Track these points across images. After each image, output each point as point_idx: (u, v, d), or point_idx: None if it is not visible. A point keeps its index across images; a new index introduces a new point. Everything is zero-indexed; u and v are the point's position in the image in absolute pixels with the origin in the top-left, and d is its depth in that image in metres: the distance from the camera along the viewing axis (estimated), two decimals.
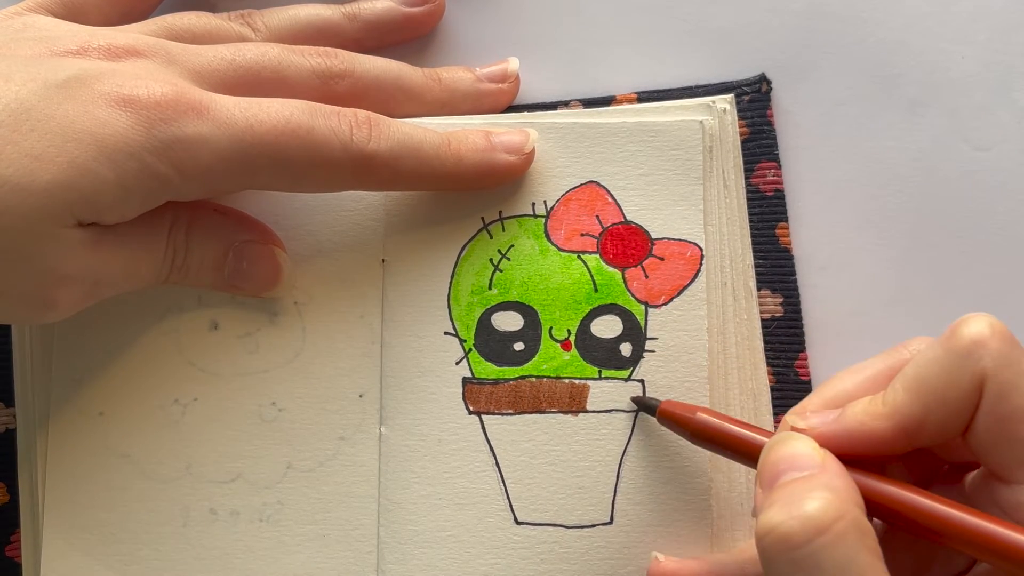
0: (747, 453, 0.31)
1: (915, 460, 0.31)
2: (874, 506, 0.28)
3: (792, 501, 0.26)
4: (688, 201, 0.37)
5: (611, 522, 0.36)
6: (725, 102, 0.38)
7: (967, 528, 0.26)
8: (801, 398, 0.32)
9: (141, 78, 0.31)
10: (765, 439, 0.30)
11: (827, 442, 0.29)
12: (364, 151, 0.33)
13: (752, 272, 0.38)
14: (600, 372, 0.37)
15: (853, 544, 0.25)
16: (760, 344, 0.37)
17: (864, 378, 0.31)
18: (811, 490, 0.26)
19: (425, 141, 0.35)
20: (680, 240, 0.37)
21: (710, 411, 0.33)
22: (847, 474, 0.28)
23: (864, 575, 0.25)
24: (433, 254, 0.38)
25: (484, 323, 0.37)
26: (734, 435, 0.32)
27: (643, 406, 0.36)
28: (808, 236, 0.39)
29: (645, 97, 0.39)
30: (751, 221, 0.38)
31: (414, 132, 0.35)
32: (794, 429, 0.30)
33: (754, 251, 0.38)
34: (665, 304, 0.37)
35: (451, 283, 0.37)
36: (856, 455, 0.28)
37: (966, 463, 0.31)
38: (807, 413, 0.30)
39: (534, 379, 0.37)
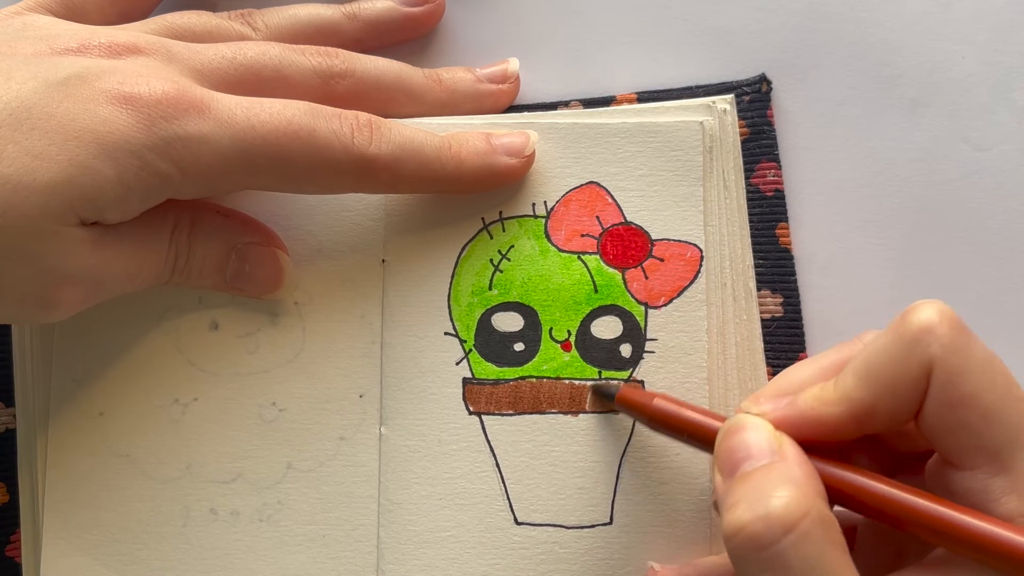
0: (703, 438, 0.31)
1: (881, 450, 0.31)
2: (833, 492, 0.28)
3: (756, 499, 0.26)
4: (688, 202, 0.37)
5: (611, 522, 0.36)
6: (725, 102, 0.38)
7: (917, 511, 0.27)
8: None
9: (142, 76, 0.31)
10: (721, 424, 0.30)
11: (779, 427, 0.29)
12: (365, 154, 0.33)
13: (752, 272, 0.38)
14: (600, 373, 0.37)
15: (819, 540, 0.25)
16: (760, 345, 0.37)
17: (819, 368, 0.31)
18: (774, 485, 0.26)
19: (426, 144, 0.35)
20: (680, 241, 0.37)
21: (668, 397, 0.33)
22: (807, 460, 0.28)
23: (830, 570, 0.25)
24: (433, 254, 0.38)
25: (484, 323, 0.37)
26: (689, 420, 0.32)
27: (602, 393, 0.36)
28: (808, 236, 0.39)
29: (645, 97, 0.39)
30: (751, 221, 0.38)
31: (415, 135, 0.35)
32: (748, 414, 0.30)
33: (754, 251, 0.38)
34: (665, 305, 0.37)
35: (451, 283, 0.37)
36: (808, 440, 0.29)
37: (925, 452, 0.31)
38: (760, 399, 0.30)
39: (534, 380, 0.37)
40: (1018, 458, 0.27)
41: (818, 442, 0.29)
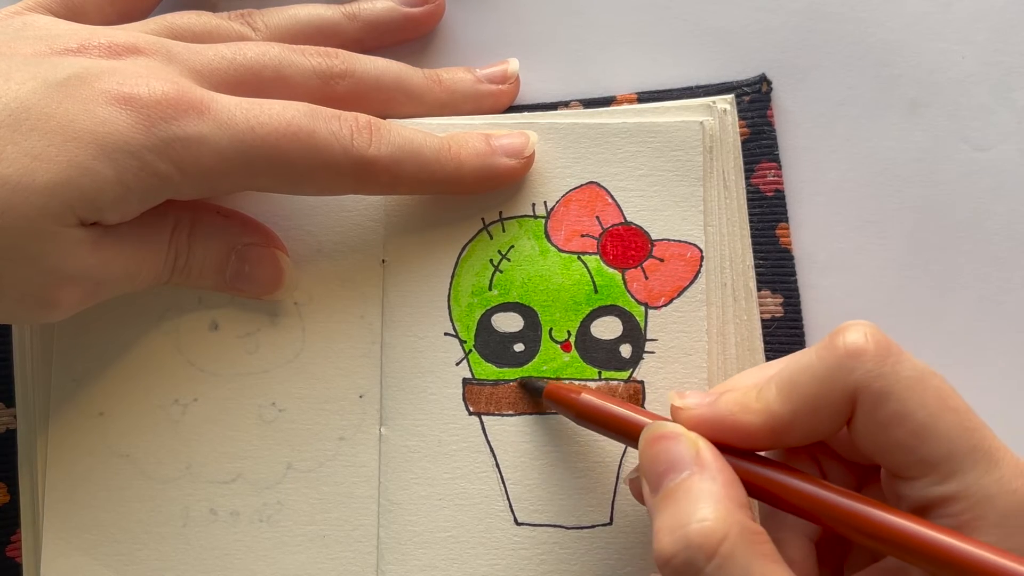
0: (628, 433, 0.31)
1: (849, 462, 0.32)
2: (755, 490, 0.28)
3: (677, 525, 0.27)
4: (688, 202, 0.37)
5: (611, 523, 0.36)
6: (725, 102, 0.38)
7: (832, 507, 0.27)
8: None
9: (142, 76, 0.31)
10: (648, 420, 0.31)
11: (698, 426, 0.29)
12: (365, 155, 0.33)
13: (752, 273, 0.38)
14: (600, 373, 0.37)
15: (743, 557, 0.26)
16: (760, 345, 0.37)
17: (764, 376, 0.31)
18: (693, 506, 0.27)
19: (425, 146, 0.35)
20: (680, 241, 0.37)
21: (595, 392, 0.33)
22: (726, 467, 0.28)
23: None
24: (433, 255, 0.38)
25: (484, 324, 0.37)
26: (614, 414, 0.32)
27: (529, 388, 0.36)
28: (808, 236, 0.39)
29: (645, 97, 0.39)
30: (751, 221, 0.38)
31: (414, 136, 0.35)
32: (671, 407, 0.30)
33: (754, 252, 0.38)
34: (665, 305, 0.37)
35: (451, 284, 0.37)
36: (726, 444, 0.29)
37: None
38: (686, 393, 0.31)
39: None
40: (956, 467, 0.27)
41: (730, 445, 0.29)
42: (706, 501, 0.27)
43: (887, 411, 0.27)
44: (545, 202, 0.38)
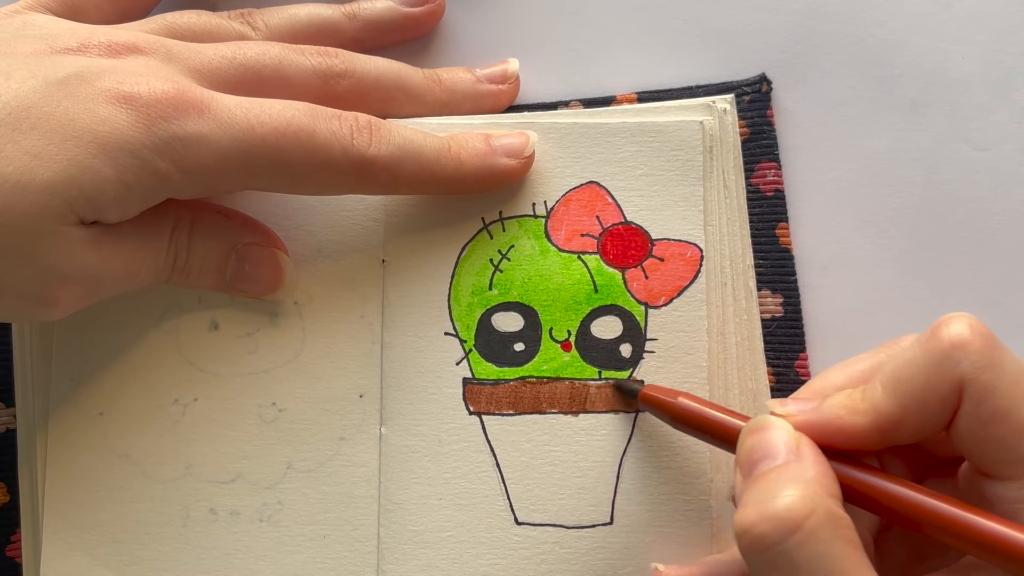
0: (726, 438, 0.31)
1: (911, 454, 0.31)
2: (851, 493, 0.28)
3: (764, 499, 0.26)
4: (688, 201, 0.37)
5: (611, 522, 0.36)
6: (725, 102, 0.38)
7: (937, 515, 0.27)
8: None
9: (142, 75, 0.31)
10: (744, 424, 0.30)
11: (803, 431, 0.29)
12: (365, 155, 0.33)
13: (752, 272, 0.38)
14: (600, 373, 0.37)
15: (826, 538, 0.25)
16: (760, 344, 0.37)
17: (855, 372, 0.31)
18: (783, 485, 0.26)
19: (425, 146, 0.35)
20: (680, 241, 0.37)
21: (692, 396, 0.33)
22: (824, 461, 0.28)
23: (840, 566, 0.25)
24: (433, 254, 0.38)
25: (484, 323, 0.37)
26: (713, 419, 0.32)
27: (625, 390, 0.36)
28: (808, 236, 0.39)
29: (645, 97, 0.39)
30: (751, 221, 0.38)
31: (415, 136, 0.35)
32: (772, 415, 0.30)
33: (754, 251, 0.38)
34: (665, 305, 0.37)
35: (451, 283, 0.37)
36: (831, 446, 0.29)
37: (957, 457, 0.31)
38: (787, 401, 0.30)
39: (534, 380, 0.37)
40: None
41: (842, 449, 0.29)
42: (797, 482, 0.26)
43: (991, 406, 0.27)
44: (545, 202, 0.38)
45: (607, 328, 0.37)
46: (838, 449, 0.29)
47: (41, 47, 0.32)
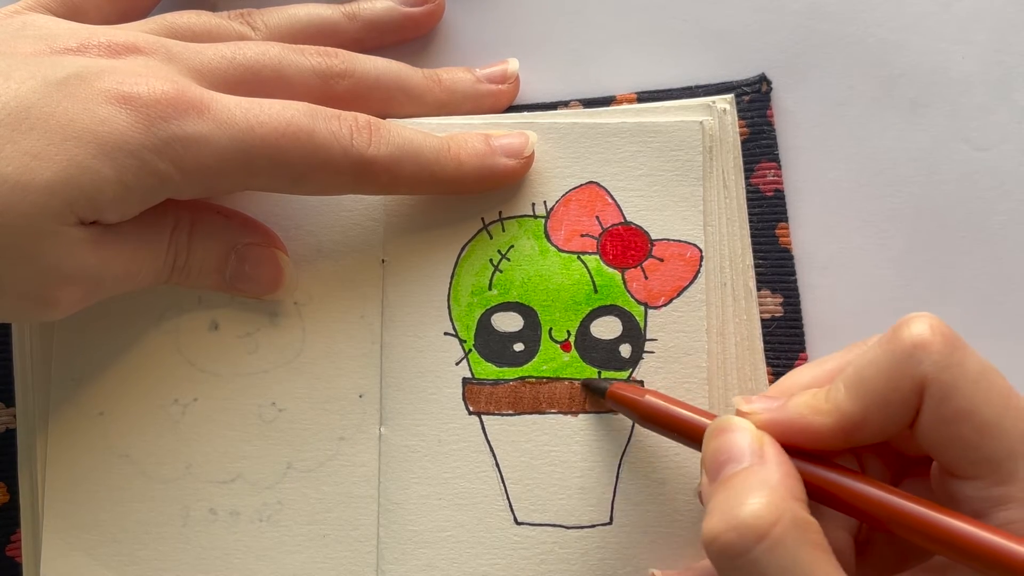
0: (693, 436, 0.31)
1: (890, 455, 0.31)
2: (817, 493, 0.28)
3: (730, 507, 0.26)
4: (688, 202, 0.37)
5: (610, 523, 0.36)
6: (725, 102, 0.38)
7: (899, 513, 0.27)
8: None
9: (141, 75, 0.31)
10: (709, 422, 0.30)
11: (767, 431, 0.29)
12: (364, 155, 0.33)
13: (752, 272, 0.38)
14: (600, 373, 0.37)
15: (793, 544, 0.25)
16: (760, 345, 0.37)
17: (823, 371, 0.31)
18: (748, 491, 0.27)
19: (425, 146, 0.35)
20: (680, 241, 0.37)
21: (658, 394, 0.33)
22: (788, 462, 0.28)
23: (808, 571, 0.25)
24: (433, 254, 0.38)
25: (484, 323, 0.37)
26: (679, 417, 0.32)
27: (593, 389, 0.36)
28: (808, 236, 0.39)
29: (645, 97, 0.39)
30: (751, 221, 0.38)
31: (414, 137, 0.35)
32: (737, 413, 0.30)
33: (754, 251, 0.38)
34: (665, 305, 0.37)
35: (451, 283, 0.37)
36: (796, 446, 0.29)
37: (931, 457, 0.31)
38: (752, 398, 0.30)
39: (534, 380, 0.37)
40: (1017, 468, 0.27)
41: (807, 448, 0.29)
42: (762, 488, 0.27)
43: (953, 406, 0.27)
44: (545, 202, 0.38)
45: (607, 328, 0.37)
46: (803, 449, 0.29)
47: (41, 47, 0.32)
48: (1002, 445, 0.27)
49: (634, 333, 0.37)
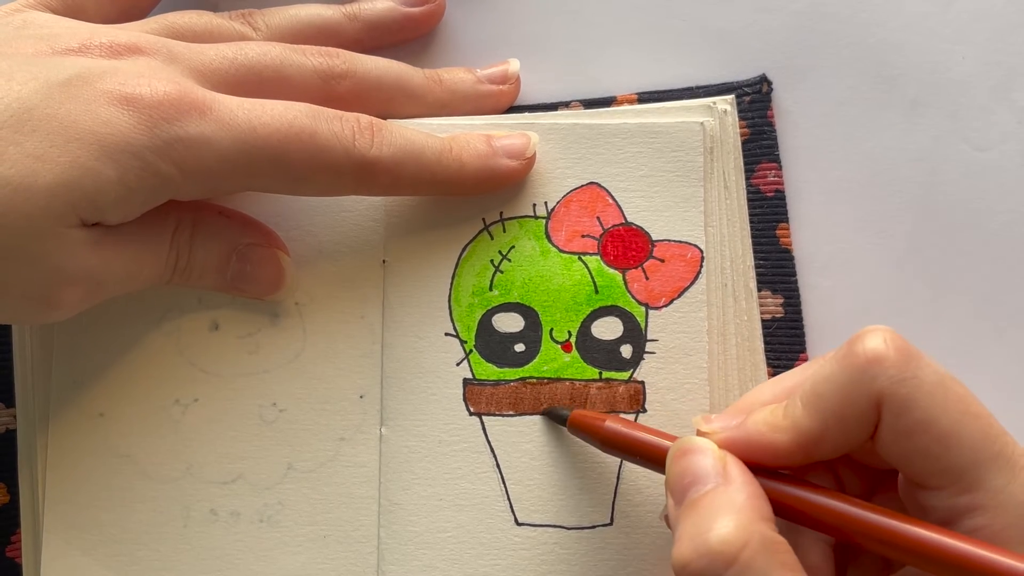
0: (656, 459, 0.31)
1: (865, 468, 0.31)
2: (782, 509, 0.28)
3: (698, 532, 0.26)
4: (689, 202, 0.37)
5: (611, 523, 0.36)
6: (726, 103, 0.38)
7: (866, 525, 0.27)
8: None
9: (143, 76, 0.31)
10: (671, 444, 0.30)
11: (728, 448, 0.29)
12: (366, 157, 0.33)
13: (753, 273, 0.38)
14: (601, 374, 0.37)
15: (763, 566, 0.25)
16: (760, 345, 0.37)
17: (783, 388, 0.31)
18: (715, 514, 0.27)
19: (427, 147, 0.35)
20: (681, 242, 0.37)
21: (619, 419, 0.33)
22: (753, 481, 0.28)
23: None
24: (434, 255, 0.38)
25: (485, 324, 0.37)
26: (640, 441, 0.32)
27: (554, 417, 0.36)
28: (808, 237, 0.39)
29: (646, 98, 0.39)
30: (752, 222, 0.38)
31: (416, 137, 0.35)
32: (697, 433, 0.30)
33: (755, 252, 0.38)
34: (665, 306, 0.37)
35: (452, 284, 0.37)
36: (757, 463, 0.29)
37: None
38: (711, 418, 0.30)
39: (535, 380, 0.37)
40: (981, 475, 0.27)
41: (768, 465, 0.29)
42: (729, 511, 0.27)
43: (911, 418, 0.27)
44: (546, 202, 0.38)
45: (608, 329, 0.37)
46: (764, 466, 0.29)
47: (42, 48, 0.32)
48: (963, 454, 0.27)
49: (635, 334, 0.37)
